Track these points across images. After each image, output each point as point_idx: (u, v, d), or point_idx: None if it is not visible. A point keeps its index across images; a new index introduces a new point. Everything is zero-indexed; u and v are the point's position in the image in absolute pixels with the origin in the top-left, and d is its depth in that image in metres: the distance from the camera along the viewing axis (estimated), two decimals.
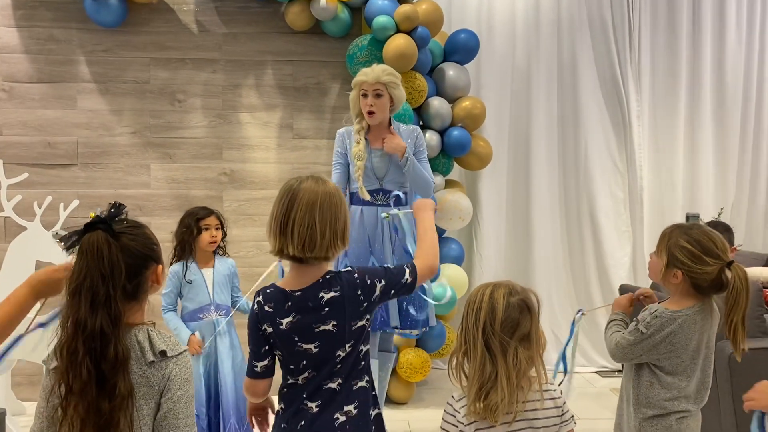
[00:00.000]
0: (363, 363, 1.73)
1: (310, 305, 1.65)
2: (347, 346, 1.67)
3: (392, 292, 1.73)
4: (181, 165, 4.36)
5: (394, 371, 4.02)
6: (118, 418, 1.33)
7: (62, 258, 3.73)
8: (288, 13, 4.23)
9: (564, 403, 1.64)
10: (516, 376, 1.53)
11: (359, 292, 1.67)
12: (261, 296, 1.70)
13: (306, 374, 1.66)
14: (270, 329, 1.67)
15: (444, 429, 1.62)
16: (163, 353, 1.41)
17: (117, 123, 4.32)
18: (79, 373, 1.33)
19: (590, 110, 5.05)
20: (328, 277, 1.67)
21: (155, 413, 1.41)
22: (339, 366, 1.67)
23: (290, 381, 1.69)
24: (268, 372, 1.72)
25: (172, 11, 4.34)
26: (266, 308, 1.67)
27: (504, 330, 1.54)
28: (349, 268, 1.70)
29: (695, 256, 1.88)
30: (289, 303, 1.66)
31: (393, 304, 3.12)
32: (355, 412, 1.68)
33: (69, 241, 1.42)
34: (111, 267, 1.37)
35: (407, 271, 1.75)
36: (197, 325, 2.97)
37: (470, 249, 4.93)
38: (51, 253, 3.60)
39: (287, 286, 1.68)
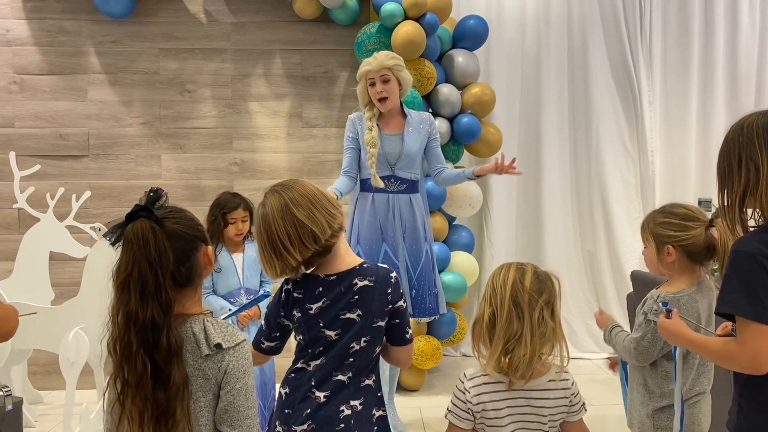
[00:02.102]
0: (373, 363, 1.75)
1: (342, 290, 1.68)
2: (363, 340, 1.69)
3: (397, 320, 1.75)
4: (191, 155, 4.38)
5: None
6: (175, 408, 1.31)
7: (75, 249, 3.77)
8: (296, 2, 4.22)
9: (575, 394, 1.66)
10: (540, 337, 1.57)
11: (389, 291, 1.72)
12: (290, 284, 1.72)
13: (319, 361, 1.68)
14: (298, 314, 1.69)
15: (452, 403, 1.65)
16: (218, 346, 1.37)
17: (127, 114, 4.34)
18: (134, 366, 1.31)
19: (601, 96, 5.01)
20: (365, 266, 1.73)
21: (214, 405, 1.39)
22: (351, 359, 1.69)
23: (299, 366, 1.71)
24: (271, 351, 1.79)
25: (181, 1, 4.34)
26: (295, 294, 1.70)
27: (532, 289, 1.59)
28: (393, 272, 1.76)
29: (677, 225, 1.94)
30: (321, 288, 1.69)
31: (405, 291, 3.13)
32: (360, 408, 1.69)
33: (113, 235, 1.38)
34: (158, 254, 1.33)
35: (409, 335, 1.78)
36: None
37: (480, 236, 4.92)
38: (64, 244, 3.64)
39: (320, 272, 1.71)
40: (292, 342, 1.78)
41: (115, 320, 1.34)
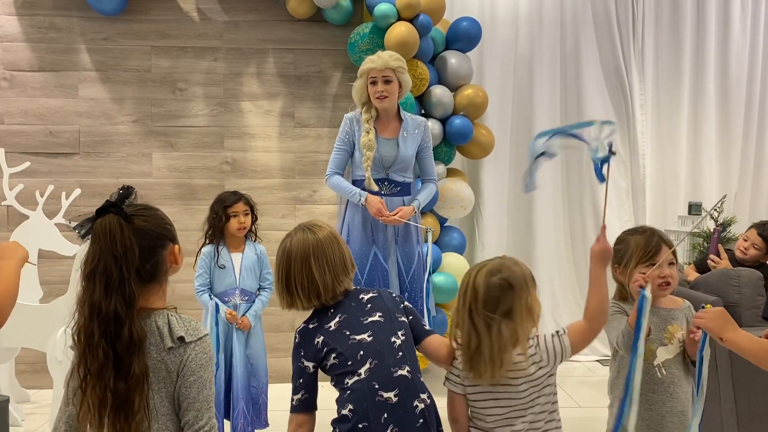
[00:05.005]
0: (417, 362, 1.77)
1: (353, 305, 1.77)
2: (400, 334, 1.74)
3: (411, 317, 1.83)
4: (182, 154, 4.35)
5: None
6: (134, 399, 1.36)
7: (64, 246, 3.75)
8: (289, 1, 4.21)
9: (546, 350, 1.70)
10: (498, 350, 1.64)
11: (394, 295, 1.87)
12: (302, 324, 1.80)
13: (368, 365, 1.67)
14: (321, 338, 1.73)
15: (448, 379, 1.77)
16: (181, 339, 1.42)
17: (118, 112, 4.31)
18: (95, 356, 1.36)
19: (593, 99, 5.03)
20: (363, 286, 1.88)
21: (174, 395, 1.43)
22: (401, 353, 1.70)
23: (354, 380, 1.66)
24: (302, 406, 1.74)
25: None
26: (310, 326, 1.77)
27: (487, 308, 1.66)
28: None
29: None
30: (332, 310, 1.77)
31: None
32: (429, 401, 1.70)
33: (83, 229, 1.43)
34: (124, 249, 1.37)
35: (427, 326, 1.87)
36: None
37: (472, 238, 4.93)
38: (53, 242, 3.61)
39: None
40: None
41: (81, 310, 1.39)
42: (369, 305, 1.77)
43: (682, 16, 5.10)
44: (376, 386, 1.64)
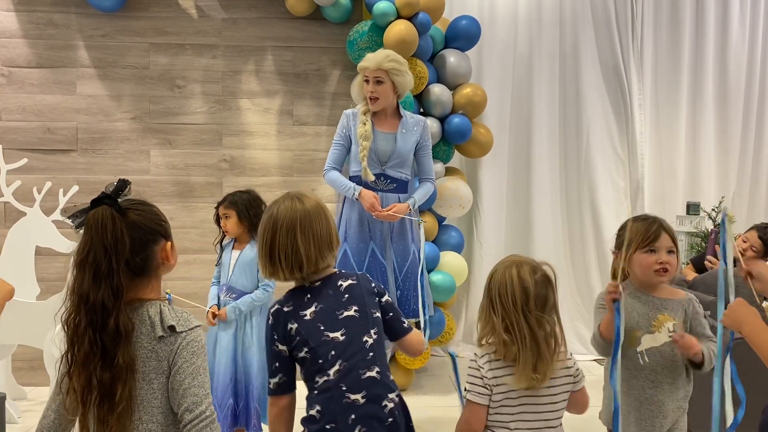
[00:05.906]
0: (388, 360, 1.75)
1: (331, 293, 1.72)
2: (372, 332, 1.70)
3: (391, 314, 1.80)
4: (180, 151, 4.35)
5: (393, 358, 4.03)
6: (117, 389, 1.36)
7: (62, 243, 3.73)
8: None
9: (576, 368, 1.76)
10: (546, 344, 1.65)
11: (373, 285, 1.79)
12: (276, 305, 1.74)
13: (338, 366, 1.64)
14: (295, 325, 1.68)
15: (469, 383, 1.71)
16: (171, 328, 1.42)
17: (116, 108, 4.30)
18: (82, 344, 1.37)
19: (592, 98, 5.03)
20: (343, 271, 1.79)
21: (167, 388, 1.43)
22: (371, 354, 1.67)
23: (323, 380, 1.65)
24: (280, 390, 1.72)
25: None
26: (285, 309, 1.71)
27: (538, 307, 1.65)
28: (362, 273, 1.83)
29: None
30: (309, 295, 1.72)
31: (392, 293, 3.12)
32: (397, 400, 1.69)
33: (77, 219, 1.45)
34: (114, 241, 1.39)
35: (406, 323, 1.83)
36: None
37: (470, 237, 4.93)
38: (50, 239, 3.60)
39: (305, 282, 1.75)
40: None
41: (71, 298, 1.40)
42: (346, 295, 1.72)
43: (682, 16, 5.10)
44: (344, 388, 1.63)
